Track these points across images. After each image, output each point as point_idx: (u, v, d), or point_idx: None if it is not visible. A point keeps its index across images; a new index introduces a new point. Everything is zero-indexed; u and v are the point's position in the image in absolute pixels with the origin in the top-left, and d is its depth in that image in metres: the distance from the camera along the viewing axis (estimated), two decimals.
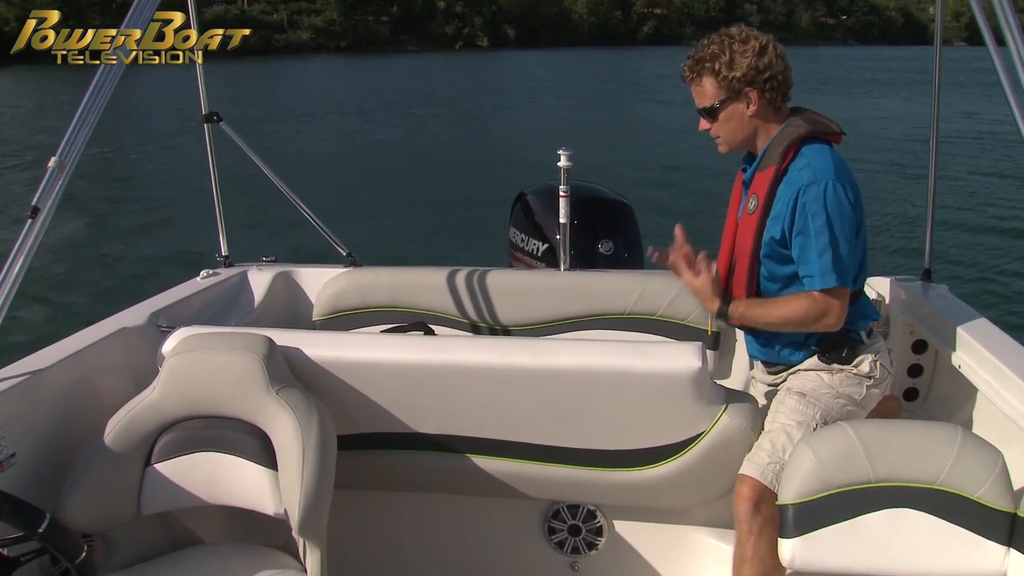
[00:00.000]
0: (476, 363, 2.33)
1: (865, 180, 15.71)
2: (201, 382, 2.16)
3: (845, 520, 1.87)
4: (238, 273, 3.37)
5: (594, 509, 2.72)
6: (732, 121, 2.40)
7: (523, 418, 2.38)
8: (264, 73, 50.50)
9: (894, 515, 1.85)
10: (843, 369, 2.41)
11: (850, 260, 2.27)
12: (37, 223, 2.23)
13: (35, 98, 37.10)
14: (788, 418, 2.34)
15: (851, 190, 2.28)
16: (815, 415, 2.33)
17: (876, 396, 2.46)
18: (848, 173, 2.31)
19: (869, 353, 2.42)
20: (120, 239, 11.56)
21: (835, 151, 2.36)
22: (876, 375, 2.41)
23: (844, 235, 2.24)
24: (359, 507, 2.60)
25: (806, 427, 2.29)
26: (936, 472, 1.84)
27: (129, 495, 2.13)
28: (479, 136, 23.06)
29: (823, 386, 2.40)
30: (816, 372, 2.43)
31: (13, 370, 2.25)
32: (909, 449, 1.88)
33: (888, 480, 1.86)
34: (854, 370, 2.41)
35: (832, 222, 2.23)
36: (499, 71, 57.89)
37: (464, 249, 10.25)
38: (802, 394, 2.38)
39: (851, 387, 2.40)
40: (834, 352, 2.40)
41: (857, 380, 2.41)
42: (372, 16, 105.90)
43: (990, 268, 9.87)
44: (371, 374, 2.38)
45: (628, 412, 2.31)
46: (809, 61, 69.01)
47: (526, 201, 4.20)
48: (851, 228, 2.26)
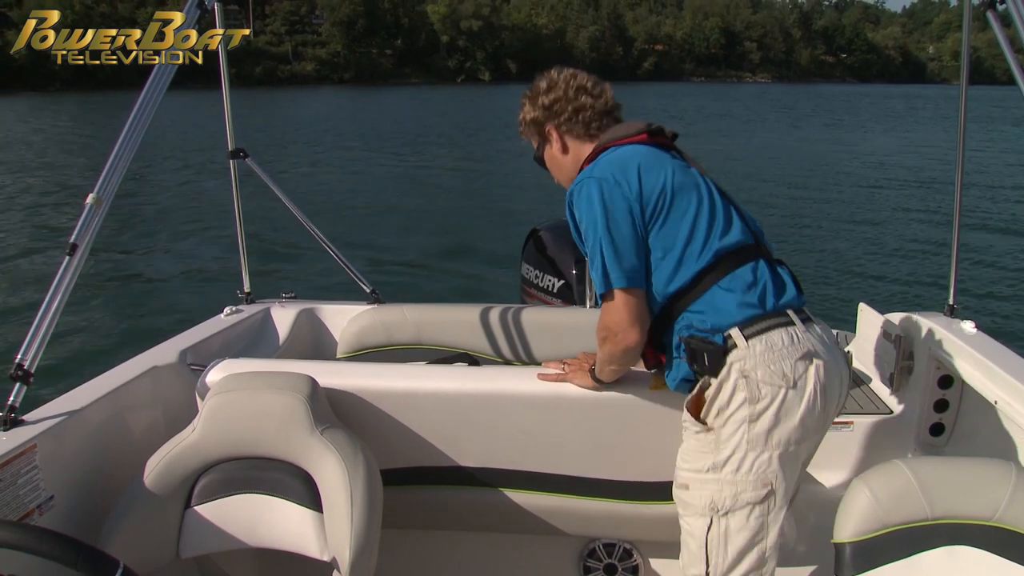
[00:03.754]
0: (519, 392, 2.32)
1: (888, 214, 15.78)
2: (243, 422, 2.14)
3: (902, 558, 1.85)
4: (261, 310, 3.37)
5: (630, 548, 2.72)
6: (552, 163, 2.37)
7: (564, 449, 2.37)
8: (269, 104, 50.82)
9: (951, 553, 1.84)
10: (704, 425, 2.01)
11: (629, 258, 2.00)
12: (75, 260, 2.24)
13: (45, 125, 37.40)
14: (684, 518, 2.08)
15: (608, 185, 2.04)
16: (704, 504, 2.00)
17: (774, 413, 1.93)
18: (617, 166, 2.07)
19: (737, 363, 1.94)
20: (141, 273, 11.58)
21: (624, 147, 2.15)
22: (745, 395, 1.93)
23: (605, 231, 2.01)
24: (397, 547, 2.58)
25: (700, 530, 2.01)
26: (992, 508, 1.83)
27: (168, 538, 2.10)
28: (484, 170, 23.15)
29: (699, 458, 2.02)
30: (691, 435, 2.06)
31: (49, 410, 2.23)
32: (964, 485, 1.87)
33: (944, 517, 1.85)
34: (718, 417, 1.98)
35: (589, 228, 2.04)
36: (502, 104, 58.22)
37: (475, 284, 10.29)
38: (684, 486, 2.05)
39: (729, 439, 1.96)
40: (697, 362, 1.99)
41: (730, 427, 1.95)
42: (376, 49, 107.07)
43: (1014, 303, 9.84)
44: (413, 405, 2.37)
45: (669, 440, 2.30)
46: (812, 98, 69.66)
47: (539, 237, 4.21)
48: (617, 224, 2.01)
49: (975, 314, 3.07)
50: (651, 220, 2.04)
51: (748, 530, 1.97)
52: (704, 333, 2.00)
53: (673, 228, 2.04)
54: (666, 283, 2.04)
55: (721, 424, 1.98)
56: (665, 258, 2.04)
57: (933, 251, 12.39)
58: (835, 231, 14.50)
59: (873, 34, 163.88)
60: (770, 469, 1.95)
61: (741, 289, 2.01)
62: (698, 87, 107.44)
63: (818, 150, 28.06)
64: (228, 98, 3.33)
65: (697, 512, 2.02)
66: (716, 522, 1.98)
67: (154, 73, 2.53)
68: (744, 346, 1.95)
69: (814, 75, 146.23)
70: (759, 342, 1.95)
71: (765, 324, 1.98)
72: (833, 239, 13.81)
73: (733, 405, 1.95)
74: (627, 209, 2.02)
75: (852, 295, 6.76)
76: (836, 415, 2.11)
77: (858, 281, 10.80)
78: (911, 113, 49.57)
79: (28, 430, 2.09)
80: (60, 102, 53.00)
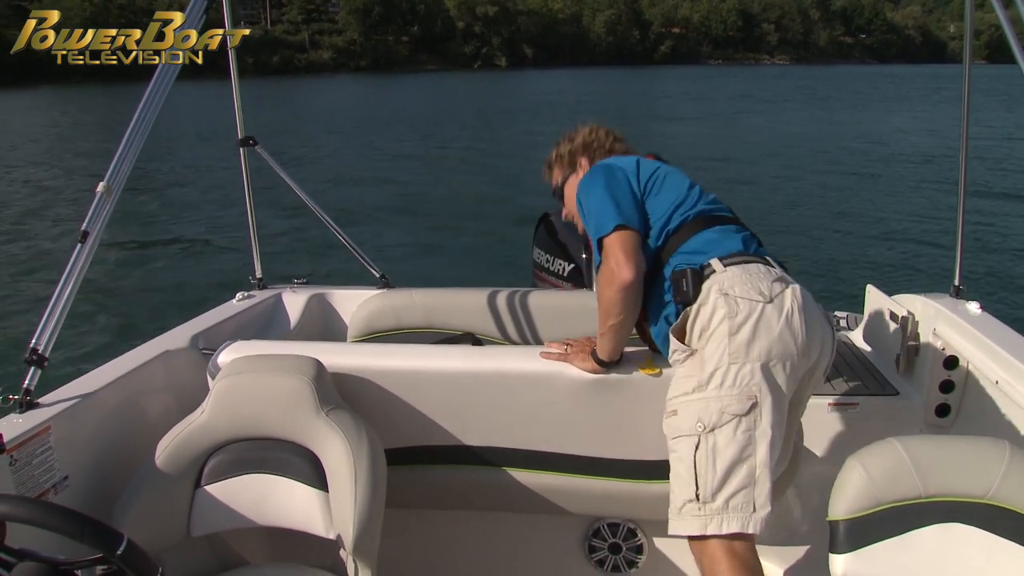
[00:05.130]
0: (522, 370, 2.35)
1: (892, 197, 15.70)
2: (251, 404, 2.18)
3: (896, 535, 1.86)
4: (272, 295, 3.41)
5: (634, 527, 2.74)
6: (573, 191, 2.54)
7: (567, 428, 2.40)
8: (286, 92, 51.06)
9: (944, 530, 1.85)
10: (688, 347, 2.08)
11: (626, 205, 2.20)
12: (87, 247, 2.28)
13: (67, 117, 37.75)
14: (674, 447, 2.09)
15: (610, 163, 2.38)
16: (692, 424, 2.03)
17: (754, 325, 2.00)
18: (610, 160, 2.43)
19: (716, 284, 2.06)
20: (154, 259, 11.73)
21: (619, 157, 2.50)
22: (725, 311, 2.01)
23: (605, 189, 2.24)
24: (402, 526, 2.62)
25: (688, 450, 2.02)
26: (986, 486, 1.84)
27: (179, 517, 2.15)
28: (500, 155, 23.19)
29: (685, 382, 2.08)
30: (678, 364, 2.13)
31: (64, 393, 2.28)
32: (958, 464, 1.88)
33: (938, 495, 1.86)
34: (701, 333, 2.05)
35: (588, 191, 2.30)
36: (518, 90, 58.23)
37: (487, 269, 10.32)
38: (673, 412, 2.09)
39: (712, 355, 2.02)
40: (678, 291, 2.11)
41: (714, 342, 2.02)
42: (392, 36, 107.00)
43: (1019, 284, 9.79)
44: (417, 384, 2.41)
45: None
46: (829, 79, 68.98)
47: (550, 222, 4.22)
48: (604, 183, 2.26)
49: (980, 295, 3.07)
50: (646, 191, 2.29)
51: (736, 443, 1.97)
52: (687, 267, 2.14)
53: (666, 196, 2.27)
54: (656, 236, 2.22)
55: (704, 344, 2.05)
56: (657, 219, 2.24)
57: (940, 232, 12.37)
58: (843, 213, 14.45)
59: (893, 14, 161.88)
60: (752, 381, 1.98)
61: (726, 234, 2.20)
62: (716, 70, 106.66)
63: (829, 132, 27.89)
64: (237, 86, 3.37)
65: (684, 433, 2.03)
66: (704, 439, 2.00)
67: (160, 68, 2.57)
68: (722, 269, 2.09)
69: (833, 56, 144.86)
70: (736, 268, 2.09)
71: (744, 258, 2.13)
72: (841, 220, 13.78)
73: (714, 322, 2.03)
74: (624, 178, 2.29)
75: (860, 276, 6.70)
76: (826, 363, 2.16)
77: (866, 262, 10.78)
78: (927, 95, 49.05)
79: (43, 412, 2.15)
80: (80, 94, 53.51)
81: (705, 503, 1.99)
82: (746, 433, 1.98)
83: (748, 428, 1.98)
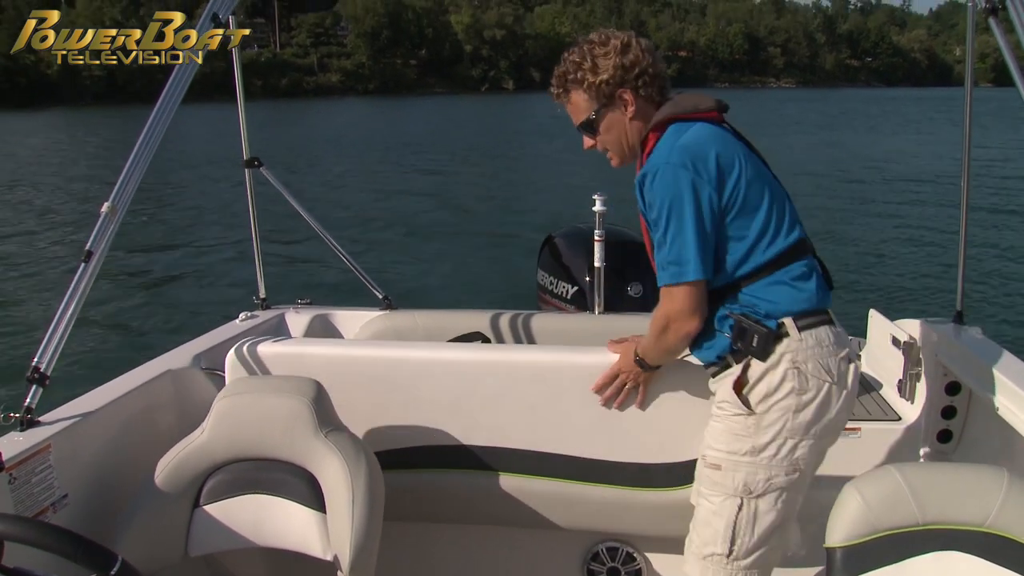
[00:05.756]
0: (525, 361, 2.40)
1: (895, 220, 15.70)
2: (250, 425, 2.19)
3: (893, 563, 1.85)
4: (276, 316, 3.42)
5: (632, 551, 2.72)
6: (613, 130, 2.18)
7: (567, 426, 2.41)
8: (295, 115, 51.39)
9: (942, 558, 1.84)
10: (749, 410, 2.03)
11: (705, 251, 1.98)
12: (90, 267, 2.30)
13: (73, 138, 38.06)
14: (710, 497, 2.09)
15: (689, 173, 1.97)
16: (737, 486, 2.04)
17: (817, 406, 2.00)
18: (694, 152, 2.00)
19: (789, 353, 1.99)
20: (156, 278, 11.78)
21: (698, 126, 2.07)
22: (794, 385, 1.98)
23: (694, 222, 1.96)
24: (399, 541, 2.61)
25: (730, 510, 2.04)
26: (984, 514, 1.82)
27: (177, 536, 2.15)
28: (506, 177, 23.23)
29: (735, 441, 2.04)
30: (727, 416, 2.07)
31: (65, 411, 2.29)
32: (956, 491, 1.87)
33: (936, 523, 1.85)
34: (762, 402, 2.01)
35: (663, 213, 1.99)
36: (525, 112, 58.37)
37: (491, 291, 10.33)
38: (716, 466, 2.07)
39: (772, 425, 2.00)
40: (744, 340, 2.01)
41: (776, 412, 2.00)
42: (400, 59, 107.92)
43: (1021, 310, 9.76)
44: (425, 375, 2.43)
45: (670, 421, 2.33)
46: (835, 102, 69.16)
47: (554, 244, 4.24)
48: (691, 215, 1.96)
49: (983, 320, 3.07)
50: (726, 209, 2.02)
51: (775, 512, 2.03)
52: (756, 315, 2.02)
53: (744, 221, 2.03)
54: (732, 270, 2.05)
55: (765, 409, 2.01)
56: (733, 247, 2.04)
57: (944, 256, 12.36)
58: (846, 236, 14.42)
59: (899, 37, 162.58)
60: (802, 456, 2.02)
61: (796, 281, 2.05)
62: (723, 93, 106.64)
63: (831, 155, 27.91)
64: (243, 107, 3.40)
65: (727, 492, 2.05)
66: (747, 503, 2.03)
67: (169, 82, 2.59)
68: (797, 337, 2.00)
69: (839, 80, 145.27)
70: (810, 335, 2.01)
71: (815, 319, 2.03)
72: (844, 244, 13.74)
73: (780, 393, 2.00)
74: (707, 199, 1.98)
75: (862, 300, 6.73)
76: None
77: (868, 286, 10.78)
78: (933, 117, 49.10)
79: (44, 431, 2.16)
80: (91, 116, 53.95)
81: (735, 560, 2.06)
82: (785, 504, 2.05)
83: (788, 499, 2.05)
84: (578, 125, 2.24)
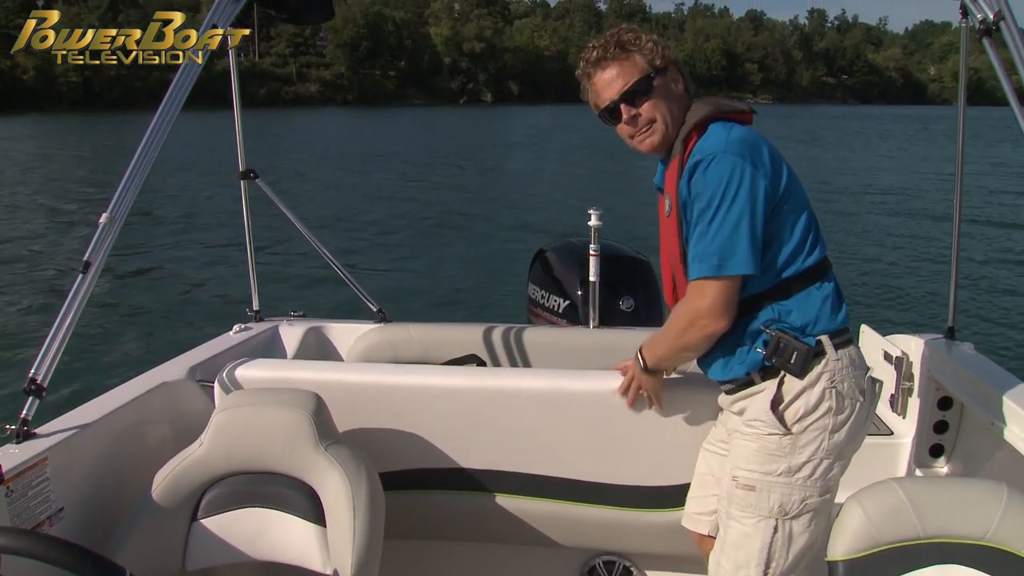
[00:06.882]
0: (523, 387, 2.38)
1: (885, 236, 15.86)
2: (249, 437, 2.16)
3: None
4: (269, 328, 3.40)
5: (630, 566, 2.73)
6: (664, 100, 2.09)
7: (566, 450, 2.40)
8: (273, 124, 51.07)
9: (943, 571, 1.86)
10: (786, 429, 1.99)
11: (747, 244, 1.91)
12: (88, 278, 2.28)
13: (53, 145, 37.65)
14: (742, 519, 2.05)
15: (747, 164, 1.92)
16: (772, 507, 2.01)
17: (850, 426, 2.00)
18: (750, 145, 1.96)
19: (827, 373, 1.97)
20: (151, 290, 11.65)
21: (741, 127, 2.02)
22: (831, 405, 1.97)
23: (733, 215, 1.90)
24: (399, 558, 2.59)
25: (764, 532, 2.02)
26: (984, 528, 1.85)
27: (175, 550, 2.13)
28: (489, 191, 23.23)
29: (770, 461, 2.01)
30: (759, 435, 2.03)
31: (61, 423, 2.26)
32: (956, 505, 1.89)
33: (937, 536, 1.87)
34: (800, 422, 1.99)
35: (714, 201, 1.91)
36: (504, 125, 58.60)
37: (482, 304, 10.33)
38: (750, 487, 2.03)
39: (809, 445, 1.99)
40: (780, 357, 1.97)
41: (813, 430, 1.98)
42: (379, 70, 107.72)
43: (1013, 326, 9.87)
44: (419, 402, 2.42)
45: (670, 444, 2.33)
46: (812, 118, 69.85)
47: (546, 258, 4.25)
48: (745, 206, 1.90)
49: (974, 335, 3.11)
50: (777, 207, 1.98)
51: (809, 534, 2.03)
52: (793, 331, 1.99)
53: (784, 225, 2.00)
54: (774, 273, 2.00)
55: (801, 429, 2.00)
56: (776, 250, 1.99)
57: (934, 273, 12.42)
58: (837, 253, 14.52)
59: (874, 55, 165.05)
60: (834, 475, 2.03)
61: (829, 298, 2.04)
62: None
63: (818, 171, 28.18)
64: (239, 119, 3.39)
65: (762, 514, 2.03)
66: (781, 525, 2.01)
67: (171, 88, 2.56)
68: (834, 356, 1.99)
69: (815, 96, 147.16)
70: (845, 355, 2.01)
71: (845, 338, 2.04)
72: (835, 261, 13.81)
73: (818, 412, 1.99)
74: (763, 191, 1.93)
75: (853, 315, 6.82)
76: None
77: (859, 302, 10.83)
78: (914, 135, 49.83)
79: (40, 443, 2.13)
80: (67, 122, 53.40)
81: None
82: (819, 525, 2.04)
83: (821, 520, 2.04)
84: (629, 88, 2.08)
